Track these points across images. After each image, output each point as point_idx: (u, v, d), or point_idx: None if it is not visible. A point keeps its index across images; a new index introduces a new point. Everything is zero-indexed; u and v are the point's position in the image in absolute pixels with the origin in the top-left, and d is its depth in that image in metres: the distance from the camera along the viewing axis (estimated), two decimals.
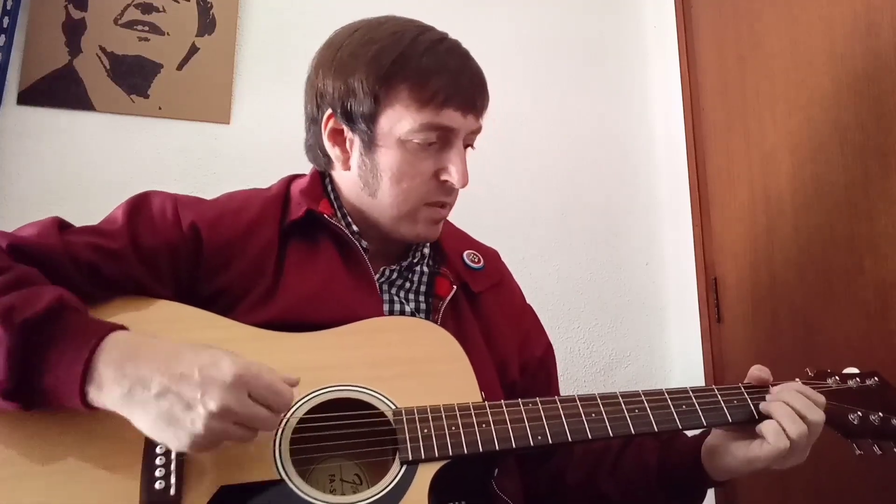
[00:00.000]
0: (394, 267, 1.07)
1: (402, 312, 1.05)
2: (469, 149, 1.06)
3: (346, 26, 1.06)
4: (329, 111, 1.02)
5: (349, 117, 1.00)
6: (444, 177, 1.01)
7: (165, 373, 0.74)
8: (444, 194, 1.03)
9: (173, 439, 0.74)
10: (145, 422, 0.75)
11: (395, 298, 1.06)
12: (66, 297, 0.80)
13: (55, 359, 0.76)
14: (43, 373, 0.75)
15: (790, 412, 0.91)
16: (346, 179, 1.06)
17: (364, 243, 1.05)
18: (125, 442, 0.78)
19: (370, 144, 1.00)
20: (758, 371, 0.99)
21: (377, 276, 1.04)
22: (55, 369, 0.75)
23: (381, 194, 1.01)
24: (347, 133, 1.03)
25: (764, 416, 0.93)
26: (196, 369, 0.74)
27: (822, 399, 0.95)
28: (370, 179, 1.02)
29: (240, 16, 1.91)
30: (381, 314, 1.01)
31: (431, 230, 1.05)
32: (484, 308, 1.10)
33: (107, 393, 0.75)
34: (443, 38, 1.02)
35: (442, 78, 0.97)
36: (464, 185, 1.01)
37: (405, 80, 0.97)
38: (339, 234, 1.03)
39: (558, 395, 1.18)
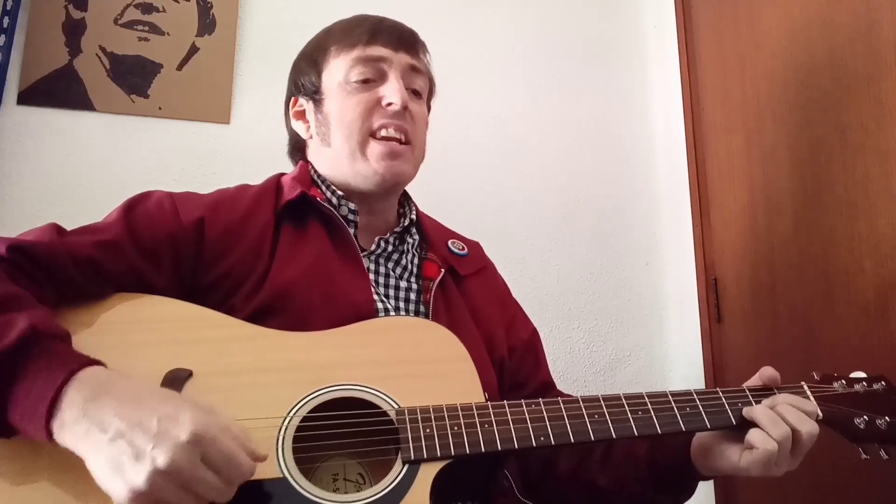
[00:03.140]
0: (387, 237, 1.12)
1: (398, 288, 1.09)
2: (419, 98, 1.16)
3: None
4: (292, 99, 1.19)
5: (301, 90, 1.16)
6: (384, 101, 1.09)
7: (124, 418, 0.71)
8: (385, 116, 1.09)
9: (116, 488, 0.70)
10: (95, 465, 0.71)
11: (392, 273, 1.11)
12: (40, 324, 0.77)
13: (23, 393, 0.74)
14: (10, 405, 0.74)
15: (772, 415, 0.91)
16: (314, 150, 1.17)
17: (352, 206, 1.11)
18: None
19: (319, 101, 1.13)
20: (769, 371, 1.00)
21: (373, 247, 1.10)
22: (23, 403, 0.74)
23: (334, 139, 1.11)
24: (304, 105, 1.16)
25: None
26: (155, 420, 0.71)
27: (811, 407, 0.94)
28: (324, 131, 1.12)
29: (240, 16, 1.91)
30: (369, 293, 1.04)
31: (389, 167, 1.09)
32: (470, 290, 1.15)
33: (67, 432, 0.72)
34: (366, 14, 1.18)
35: (363, 26, 1.13)
36: (401, 104, 1.07)
37: (333, 38, 1.14)
38: (329, 216, 1.08)
39: (548, 375, 1.22)
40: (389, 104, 1.07)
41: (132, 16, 1.82)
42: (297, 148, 1.21)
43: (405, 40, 1.13)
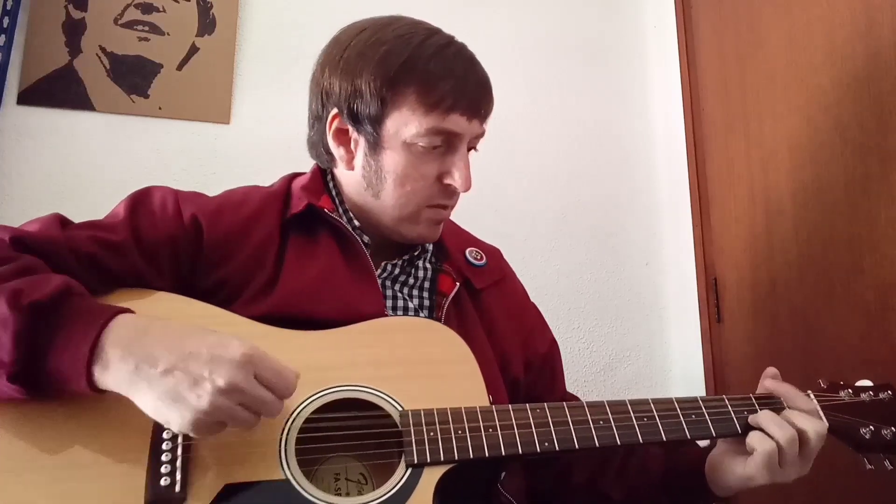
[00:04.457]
0: (395, 262, 1.07)
1: (406, 309, 1.06)
2: (472, 151, 1.08)
3: (353, 25, 1.06)
4: (335, 111, 1.02)
5: (355, 118, 1.00)
6: (447, 180, 1.02)
7: (173, 350, 0.74)
8: (446, 197, 1.04)
9: (176, 417, 0.73)
10: (149, 399, 0.74)
11: (399, 295, 1.07)
12: (72, 282, 0.80)
13: (62, 341, 0.76)
14: (50, 355, 0.75)
15: (774, 416, 0.91)
16: (349, 178, 1.07)
17: (365, 238, 1.06)
18: (131, 438, 0.79)
19: (375, 146, 1.01)
20: (771, 370, 1.00)
21: (378, 271, 1.05)
22: (62, 351, 0.75)
23: (385, 195, 1.02)
24: (352, 133, 1.03)
25: None
26: (204, 348, 0.74)
27: (812, 406, 0.95)
28: (374, 180, 1.02)
29: (240, 16, 1.91)
30: (381, 307, 1.01)
31: (432, 231, 1.07)
32: (486, 305, 1.11)
33: (112, 372, 0.74)
34: (450, 42, 1.03)
35: (448, 83, 0.97)
36: (466, 190, 1.02)
37: (412, 83, 0.97)
38: (340, 228, 1.04)
39: (564, 391, 1.19)
40: (452, 187, 1.02)
41: (132, 16, 1.82)
42: (328, 159, 1.10)
43: (482, 106, 1.03)
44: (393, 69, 0.97)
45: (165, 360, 0.74)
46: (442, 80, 0.97)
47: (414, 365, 0.92)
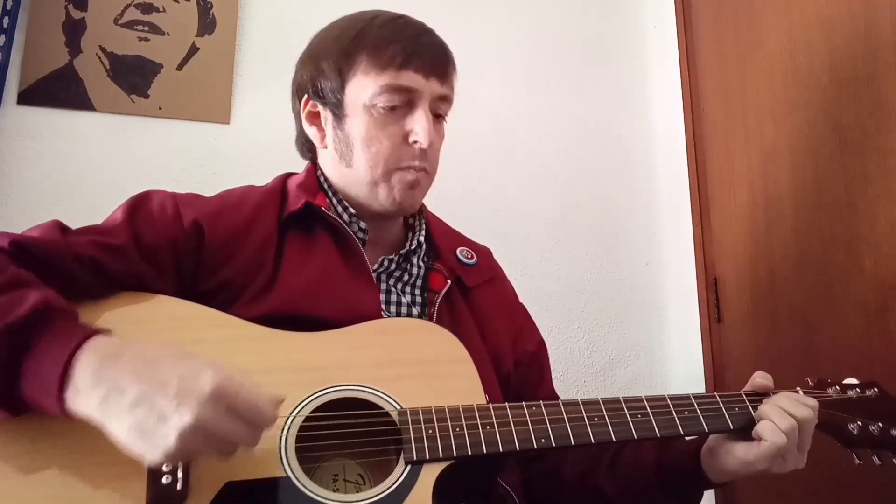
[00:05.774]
0: (392, 257, 1.09)
1: (399, 304, 1.07)
2: (443, 121, 1.11)
3: (322, 28, 1.14)
4: (305, 96, 1.10)
5: (320, 95, 1.08)
6: (411, 138, 1.04)
7: (143, 380, 0.72)
8: (413, 157, 1.05)
9: (146, 452, 0.71)
10: (119, 431, 0.72)
11: (393, 290, 1.08)
12: (51, 299, 0.78)
13: (35, 363, 0.74)
14: (22, 378, 0.74)
15: (779, 409, 0.93)
16: (328, 159, 1.11)
17: (362, 225, 1.08)
18: None
19: (340, 116, 1.06)
20: (760, 379, 1.01)
21: (375, 266, 1.07)
22: (34, 374, 0.74)
23: (356, 162, 1.06)
24: (322, 111, 1.09)
25: None
26: (175, 379, 0.72)
27: (812, 402, 0.96)
28: (344, 150, 1.07)
29: (240, 16, 1.91)
30: (377, 306, 1.02)
31: (408, 196, 1.07)
32: (478, 302, 1.12)
33: (84, 398, 0.73)
34: (402, 16, 1.09)
35: (399, 44, 1.03)
36: (428, 144, 1.03)
37: (364, 49, 1.04)
38: (336, 226, 1.05)
39: (552, 389, 1.20)
40: (416, 142, 1.03)
41: (132, 16, 1.82)
42: (308, 148, 1.16)
43: (438, 65, 1.05)
44: (346, 42, 1.05)
45: (134, 390, 0.71)
46: (392, 43, 1.03)
47: (412, 365, 0.93)
